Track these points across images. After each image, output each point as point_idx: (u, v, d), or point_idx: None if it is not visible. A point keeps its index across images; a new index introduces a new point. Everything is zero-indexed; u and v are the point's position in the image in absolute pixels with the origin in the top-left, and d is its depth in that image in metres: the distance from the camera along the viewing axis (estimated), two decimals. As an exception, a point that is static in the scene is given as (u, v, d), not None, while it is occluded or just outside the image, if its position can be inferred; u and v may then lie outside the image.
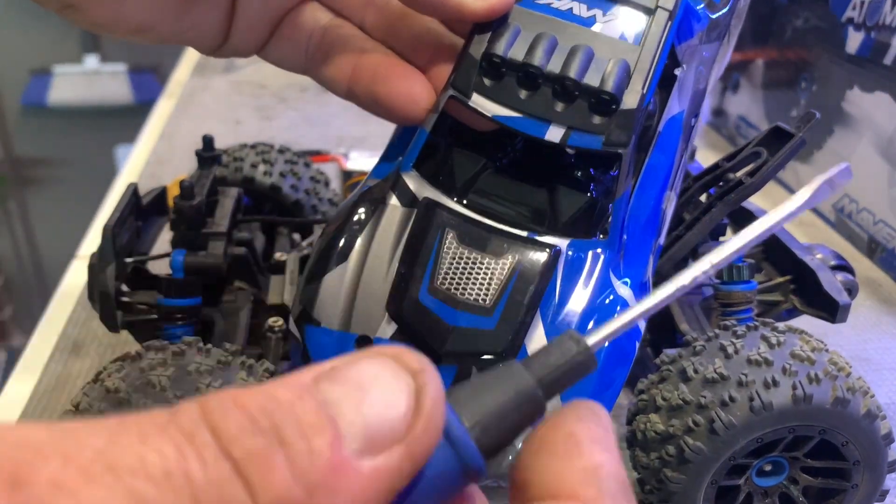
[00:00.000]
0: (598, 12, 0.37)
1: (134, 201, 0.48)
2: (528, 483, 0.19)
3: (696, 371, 0.39)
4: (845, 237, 0.78)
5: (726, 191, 0.46)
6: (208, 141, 0.53)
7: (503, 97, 0.37)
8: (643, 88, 0.36)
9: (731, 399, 0.37)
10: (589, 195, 0.40)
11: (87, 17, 0.36)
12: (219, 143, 0.54)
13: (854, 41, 0.74)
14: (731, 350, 0.39)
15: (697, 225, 0.47)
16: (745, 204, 0.50)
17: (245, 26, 0.40)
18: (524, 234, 0.37)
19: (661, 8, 0.37)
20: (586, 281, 0.37)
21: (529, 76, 0.36)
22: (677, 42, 0.39)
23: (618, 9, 0.37)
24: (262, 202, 0.60)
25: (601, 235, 0.38)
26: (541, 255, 0.37)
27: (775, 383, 0.37)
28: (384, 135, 0.39)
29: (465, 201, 0.39)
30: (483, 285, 0.36)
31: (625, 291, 0.38)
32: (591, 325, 0.37)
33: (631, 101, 0.36)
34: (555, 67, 0.36)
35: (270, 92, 1.14)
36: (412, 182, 0.39)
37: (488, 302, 0.36)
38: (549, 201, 0.39)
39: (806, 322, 0.48)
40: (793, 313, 0.50)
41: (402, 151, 0.40)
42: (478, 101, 0.37)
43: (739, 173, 0.47)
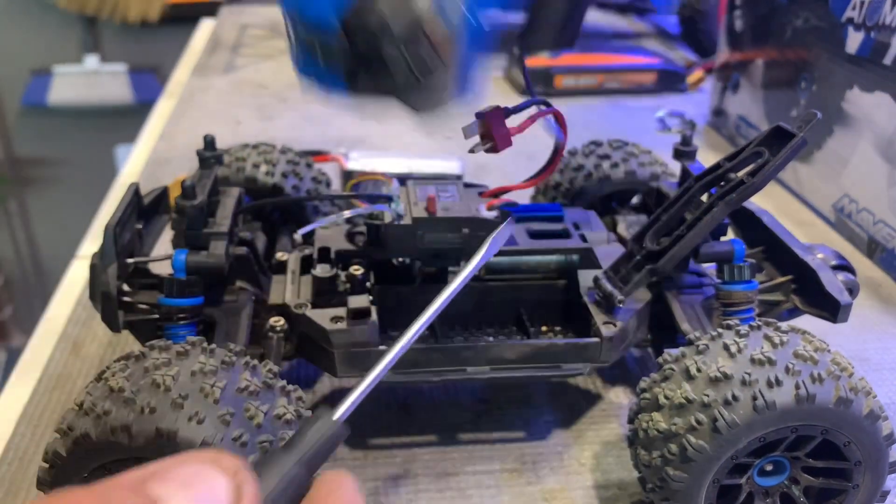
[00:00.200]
0: None
1: (135, 201, 0.48)
2: None
3: (699, 370, 0.39)
4: (845, 237, 0.78)
5: (727, 191, 0.46)
6: (209, 141, 0.53)
7: None
8: None
9: (735, 398, 0.37)
10: None
11: None
12: (219, 143, 0.54)
13: (854, 41, 0.74)
14: (734, 349, 0.39)
15: (698, 225, 0.47)
16: (747, 204, 0.51)
17: None
18: None
19: None
20: None
21: None
22: None
23: None
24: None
25: None
26: None
27: (778, 382, 0.37)
28: (384, 135, 0.39)
29: None
30: None
31: None
32: None
33: None
34: None
35: (271, 92, 1.14)
36: None
37: None
38: None
39: (804, 322, 0.48)
40: (794, 313, 0.50)
41: None
42: None
43: (741, 173, 0.47)
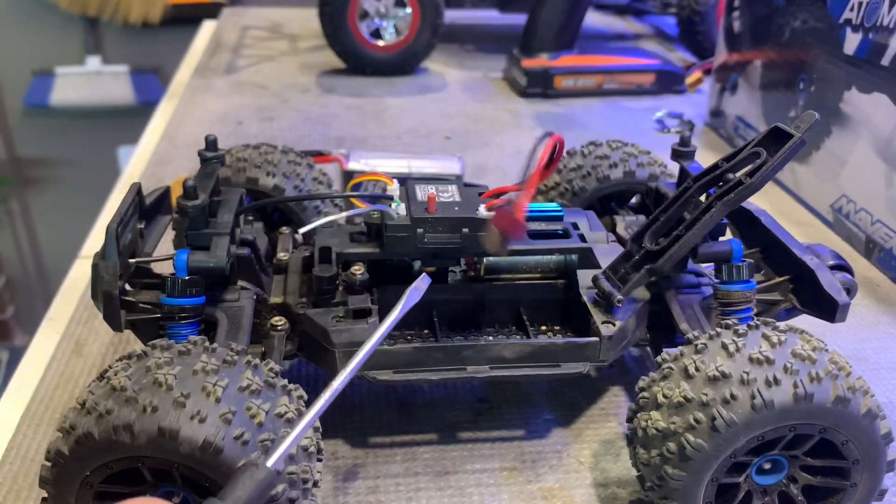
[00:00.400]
0: None
1: (137, 201, 0.48)
2: None
3: (697, 369, 0.39)
4: (843, 237, 0.79)
5: (726, 191, 0.47)
6: (211, 141, 0.53)
7: None
8: None
9: (733, 397, 0.37)
10: None
11: None
12: (220, 144, 0.54)
13: (852, 42, 0.75)
14: (732, 348, 0.39)
15: (697, 225, 0.47)
16: (745, 204, 0.51)
17: None
18: None
19: None
20: None
21: None
22: None
23: None
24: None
25: None
26: None
27: (777, 382, 0.37)
28: (384, 135, 0.40)
29: None
30: None
31: None
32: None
33: None
34: None
35: (271, 93, 1.14)
36: None
37: None
38: None
39: (802, 321, 0.48)
40: (792, 313, 0.50)
41: None
42: None
43: (739, 173, 0.47)
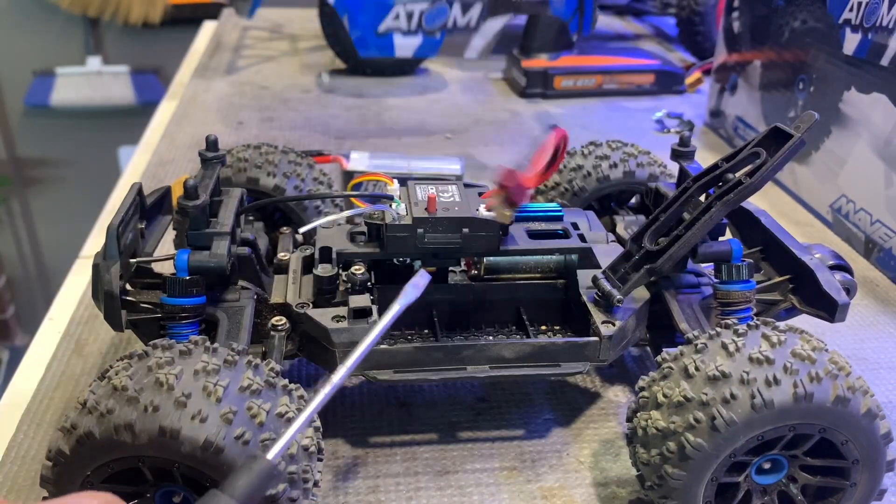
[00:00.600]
0: None
1: (138, 201, 0.48)
2: None
3: (697, 368, 0.39)
4: (842, 237, 0.79)
5: (725, 191, 0.47)
6: (212, 142, 0.53)
7: None
8: None
9: (733, 396, 0.38)
10: None
11: None
12: (221, 144, 0.54)
13: (851, 42, 0.75)
14: (732, 348, 0.39)
15: (697, 225, 0.47)
16: (745, 204, 0.51)
17: None
18: None
19: None
20: None
21: None
22: None
23: None
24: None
25: None
26: None
27: (777, 381, 0.38)
28: (384, 135, 0.40)
29: None
30: None
31: None
32: None
33: None
34: None
35: (272, 93, 1.14)
36: None
37: None
38: None
39: (802, 321, 0.48)
40: (791, 312, 0.50)
41: None
42: None
43: (739, 174, 0.47)
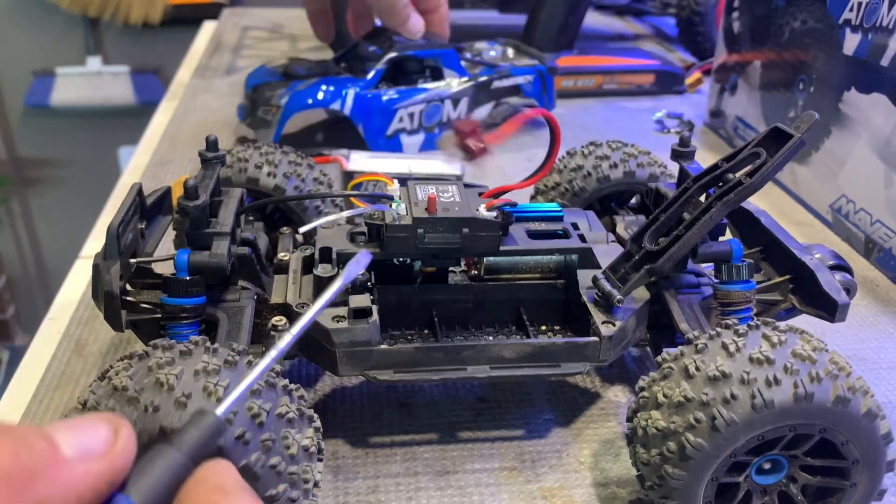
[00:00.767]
0: None
1: (138, 201, 0.48)
2: None
3: (698, 368, 0.39)
4: (842, 237, 0.79)
5: (725, 191, 0.47)
6: (212, 142, 0.53)
7: None
8: None
9: (733, 396, 0.38)
10: None
11: None
12: (221, 144, 0.54)
13: (851, 42, 0.75)
14: (732, 348, 0.39)
15: (697, 225, 0.47)
16: (745, 204, 0.51)
17: None
18: None
19: None
20: None
21: None
22: None
23: None
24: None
25: None
26: None
27: (777, 381, 0.38)
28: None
29: None
30: None
31: None
32: None
33: None
34: None
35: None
36: None
37: None
38: None
39: (802, 321, 0.49)
40: (791, 313, 0.50)
41: None
42: None
43: (739, 174, 0.47)
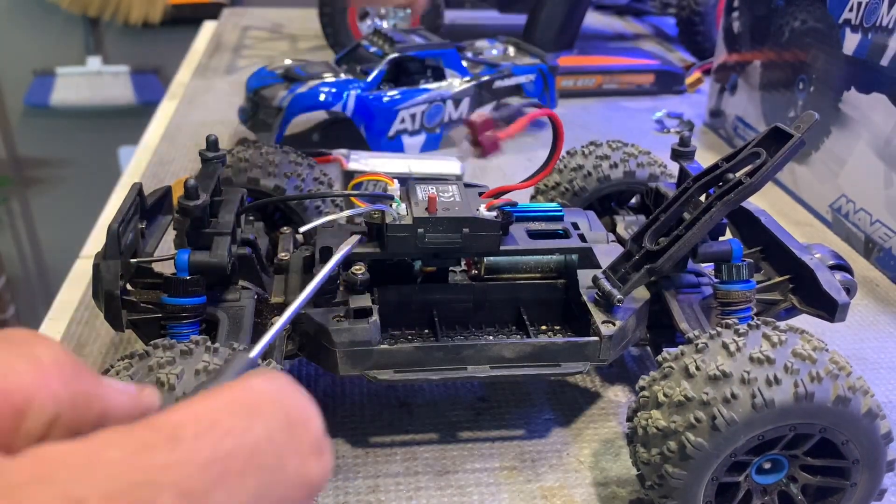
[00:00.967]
0: None
1: (138, 201, 0.48)
2: None
3: (698, 368, 0.39)
4: (842, 237, 0.79)
5: (726, 191, 0.47)
6: (212, 141, 0.53)
7: None
8: None
9: (734, 396, 0.38)
10: None
11: None
12: (221, 144, 0.54)
13: (851, 42, 0.75)
14: (733, 348, 0.39)
15: (697, 224, 0.47)
16: (745, 204, 0.51)
17: None
18: None
19: None
20: None
21: None
22: None
23: None
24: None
25: None
26: None
27: (777, 381, 0.38)
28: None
29: None
30: None
31: None
32: None
33: None
34: None
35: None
36: None
37: None
38: None
39: (802, 321, 0.48)
40: (791, 312, 0.50)
41: None
42: None
43: (739, 174, 0.47)
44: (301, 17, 1.55)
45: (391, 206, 0.49)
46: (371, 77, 0.88)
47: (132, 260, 0.46)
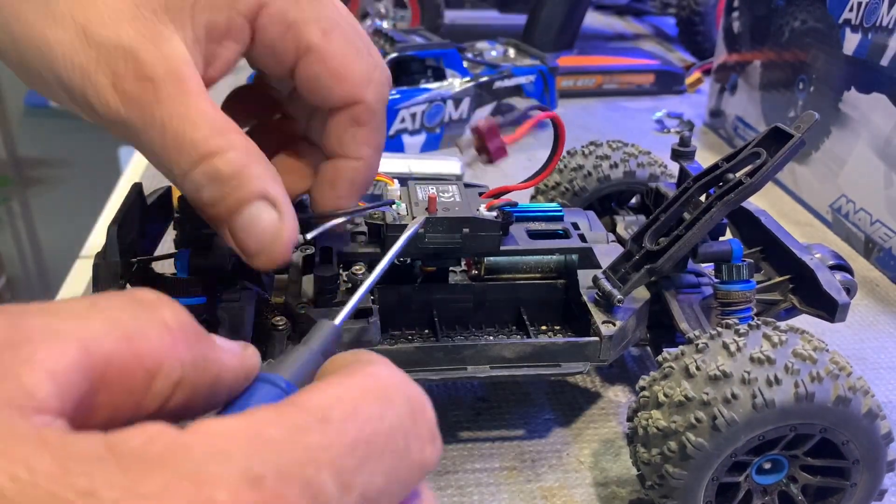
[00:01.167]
0: None
1: (139, 201, 0.48)
2: None
3: (698, 368, 0.39)
4: (842, 237, 0.79)
5: (726, 191, 0.47)
6: (212, 141, 0.53)
7: None
8: None
9: (734, 396, 0.38)
10: None
11: None
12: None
13: (851, 42, 0.75)
14: (733, 348, 0.39)
15: (697, 225, 0.47)
16: (745, 204, 0.51)
17: None
18: None
19: None
20: None
21: None
22: None
23: None
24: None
25: None
26: None
27: (777, 381, 0.38)
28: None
29: None
30: None
31: None
32: None
33: None
34: None
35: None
36: None
37: None
38: None
39: (802, 321, 0.49)
40: (792, 312, 0.50)
41: None
42: None
43: (739, 174, 0.47)
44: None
45: (391, 206, 0.49)
46: None
47: (132, 259, 0.46)
